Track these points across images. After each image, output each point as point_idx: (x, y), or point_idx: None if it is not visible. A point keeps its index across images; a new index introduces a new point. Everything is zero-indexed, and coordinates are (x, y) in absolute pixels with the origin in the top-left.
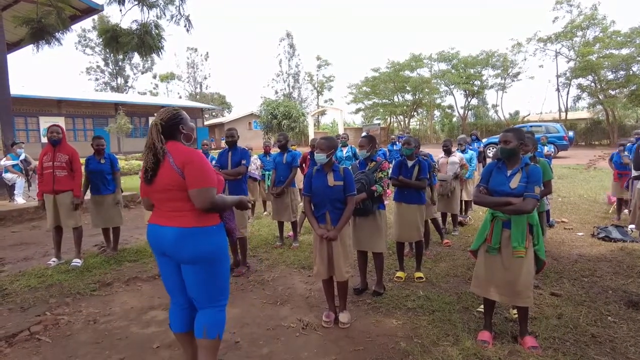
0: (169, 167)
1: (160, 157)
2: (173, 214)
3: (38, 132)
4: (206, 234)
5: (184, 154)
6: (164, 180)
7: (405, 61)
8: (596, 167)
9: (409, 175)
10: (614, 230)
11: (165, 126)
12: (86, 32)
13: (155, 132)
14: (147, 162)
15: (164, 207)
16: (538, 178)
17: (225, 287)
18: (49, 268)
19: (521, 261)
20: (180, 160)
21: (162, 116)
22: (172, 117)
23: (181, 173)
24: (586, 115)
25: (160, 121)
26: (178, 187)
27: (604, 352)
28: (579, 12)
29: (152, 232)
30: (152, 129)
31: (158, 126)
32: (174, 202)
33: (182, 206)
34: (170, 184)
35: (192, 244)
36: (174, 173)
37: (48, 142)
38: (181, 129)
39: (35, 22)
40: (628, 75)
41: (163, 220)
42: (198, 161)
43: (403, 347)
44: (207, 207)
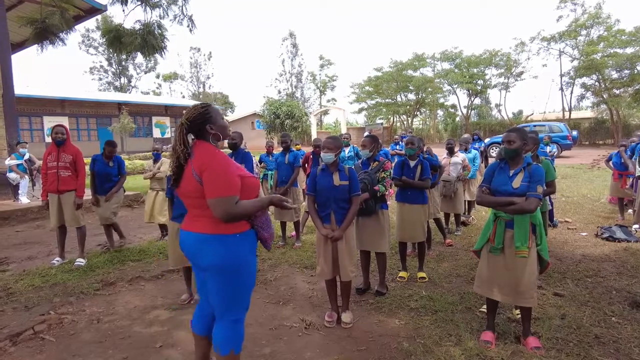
0: (189, 172)
1: (182, 161)
2: (194, 219)
3: (42, 131)
4: (223, 242)
5: (203, 158)
6: (185, 186)
7: (408, 60)
8: (600, 167)
9: (412, 175)
10: (618, 230)
11: (191, 125)
12: (90, 32)
13: (179, 133)
14: (171, 165)
15: (189, 211)
16: (540, 177)
17: (242, 300)
18: (53, 267)
19: (524, 261)
20: (199, 166)
21: (188, 115)
22: (199, 116)
23: (199, 179)
24: (590, 114)
25: (185, 120)
26: (198, 194)
27: (607, 353)
28: (583, 11)
29: (180, 236)
30: (177, 129)
31: (183, 126)
32: (196, 207)
33: (202, 212)
34: (190, 190)
35: (207, 251)
36: (192, 179)
37: (52, 142)
38: (208, 129)
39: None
40: (633, 74)
41: (187, 224)
42: (217, 167)
43: (405, 347)
44: (225, 218)
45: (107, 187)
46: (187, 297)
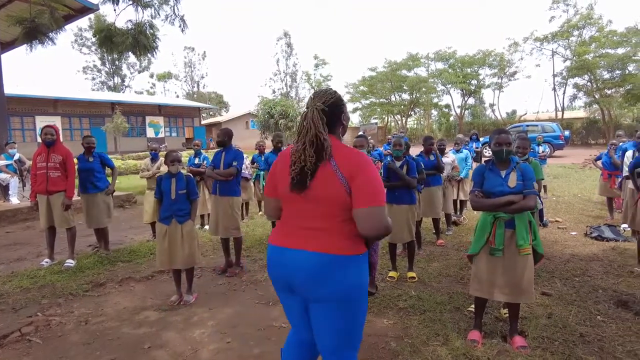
0: (332, 173)
1: (327, 155)
2: (316, 234)
3: (34, 131)
4: (356, 264)
5: (352, 158)
6: (321, 190)
7: (402, 60)
8: (591, 167)
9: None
10: (607, 229)
11: (328, 113)
12: (82, 31)
13: (319, 119)
14: (303, 159)
15: (305, 222)
16: (532, 175)
17: (361, 332)
18: (42, 269)
19: (524, 259)
20: (348, 168)
21: (325, 98)
22: (337, 102)
23: (347, 185)
24: (582, 114)
25: (322, 105)
26: (339, 203)
27: (591, 351)
28: (575, 12)
29: (278, 258)
30: (314, 114)
31: (321, 112)
32: (325, 219)
33: (330, 226)
34: (329, 196)
35: (337, 276)
36: (337, 183)
37: (42, 142)
38: (342, 119)
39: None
40: (624, 74)
41: (297, 240)
42: (372, 170)
43: (393, 347)
44: (381, 233)
45: (91, 185)
46: (176, 298)
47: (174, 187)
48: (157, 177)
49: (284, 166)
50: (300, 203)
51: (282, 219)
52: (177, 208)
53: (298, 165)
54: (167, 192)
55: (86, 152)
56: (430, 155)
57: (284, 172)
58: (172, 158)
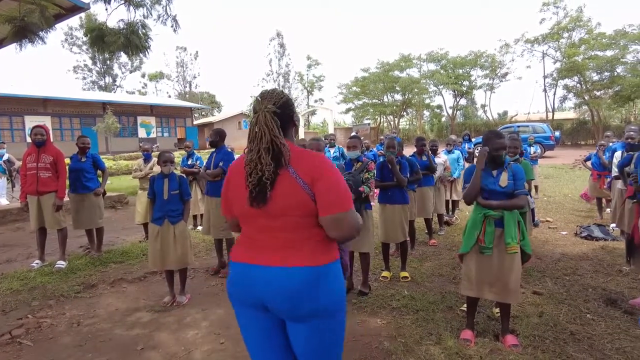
0: (292, 180)
1: (286, 162)
2: (289, 247)
3: (23, 131)
4: (335, 270)
5: (311, 161)
6: (282, 200)
7: (394, 61)
8: (581, 167)
9: (391, 175)
10: (596, 229)
11: (280, 115)
12: (73, 30)
13: (272, 122)
14: (259, 169)
15: (273, 237)
16: (522, 175)
17: (341, 347)
18: (32, 270)
19: (513, 258)
20: (308, 173)
21: (275, 99)
22: (288, 102)
23: (310, 191)
24: (572, 115)
25: (274, 107)
26: (303, 211)
27: (582, 349)
28: (565, 14)
29: (246, 277)
30: (266, 118)
31: (273, 115)
32: (294, 230)
33: (301, 236)
34: (291, 206)
35: (320, 289)
36: (299, 190)
37: (32, 143)
38: (294, 120)
39: (18, 20)
40: (612, 76)
41: (269, 257)
42: (333, 173)
43: (386, 347)
44: (351, 237)
45: (80, 185)
46: (169, 299)
47: (167, 187)
48: (150, 177)
49: (238, 180)
50: (263, 218)
51: (244, 235)
52: (170, 209)
53: (255, 176)
54: (160, 192)
55: (80, 152)
56: (422, 155)
57: (239, 187)
58: (164, 159)
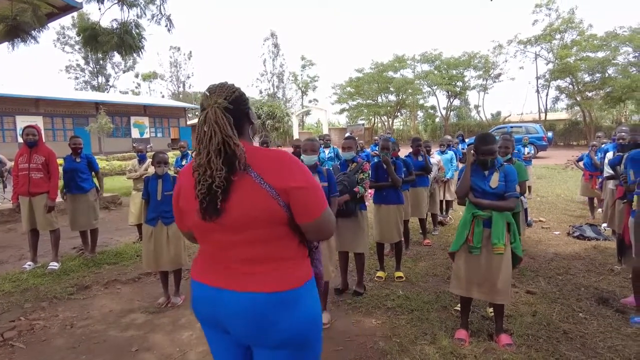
0: (254, 187)
1: (241, 165)
2: (254, 268)
3: (15, 131)
4: (309, 296)
5: (277, 162)
6: (241, 211)
7: (388, 62)
8: (573, 168)
9: (386, 176)
10: (588, 229)
11: (233, 111)
12: (65, 29)
13: (224, 119)
14: (208, 175)
15: (232, 255)
16: (515, 177)
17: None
18: (25, 272)
19: (500, 259)
20: (276, 176)
21: (226, 94)
22: (241, 97)
23: (279, 197)
24: (565, 116)
25: (225, 102)
26: (271, 222)
27: (574, 348)
28: (557, 16)
29: (206, 299)
30: (216, 115)
31: (224, 111)
32: (256, 246)
33: (269, 252)
34: (254, 217)
35: (291, 318)
36: (264, 198)
37: (24, 143)
38: (250, 118)
39: (10, 19)
40: (604, 77)
41: (230, 279)
42: (304, 171)
43: (381, 347)
44: (332, 233)
45: (75, 185)
46: (164, 300)
47: (160, 188)
48: (144, 178)
49: (189, 189)
50: (218, 233)
51: (203, 251)
52: (163, 209)
53: (204, 183)
54: (154, 193)
55: (73, 153)
56: (418, 156)
57: (190, 197)
58: (158, 159)
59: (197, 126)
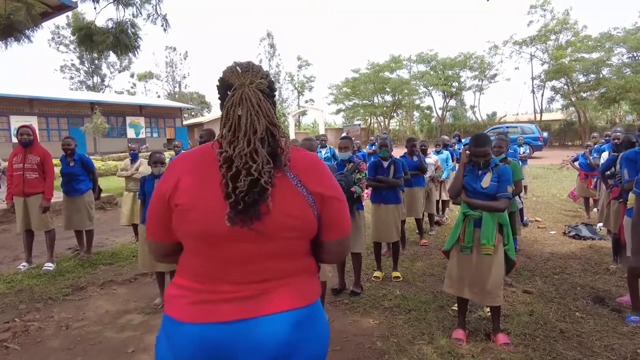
0: (292, 189)
1: (286, 160)
2: (280, 283)
3: (9, 131)
4: (321, 309)
5: (314, 166)
6: (282, 215)
7: (384, 62)
8: (569, 167)
9: (385, 175)
10: (584, 228)
11: (271, 96)
12: (60, 29)
13: (267, 103)
14: (255, 168)
15: (253, 270)
16: (508, 177)
17: None
18: (19, 273)
19: (491, 260)
20: (316, 181)
21: (261, 75)
22: (274, 84)
23: (315, 205)
24: (560, 116)
25: (264, 82)
26: (303, 232)
27: (571, 347)
28: (552, 17)
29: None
30: (259, 97)
31: (263, 93)
32: (288, 258)
33: (295, 265)
34: (293, 226)
35: (314, 334)
36: (302, 203)
37: (18, 143)
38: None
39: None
40: (598, 78)
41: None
42: (337, 184)
43: (379, 347)
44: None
45: (72, 188)
46: (160, 301)
47: None
48: (140, 178)
49: (201, 185)
50: (247, 242)
51: (198, 273)
52: None
53: (245, 179)
54: (150, 193)
55: (67, 155)
56: (413, 156)
57: (206, 195)
58: (155, 159)
59: (226, 108)
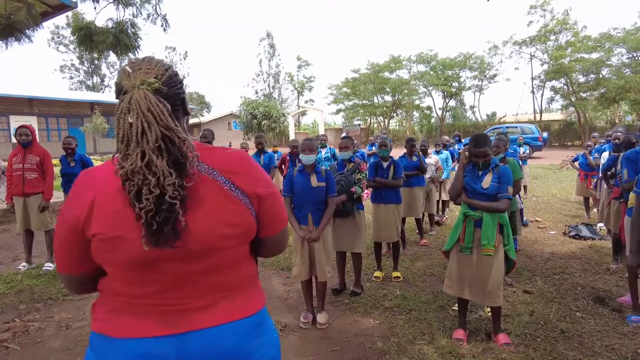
0: (225, 195)
1: (193, 168)
2: (217, 298)
3: (8, 131)
4: (269, 316)
5: (244, 163)
6: (215, 227)
7: (384, 62)
8: (569, 168)
9: (385, 175)
10: (584, 228)
11: (167, 97)
12: (60, 29)
13: (158, 106)
14: (155, 182)
15: (190, 291)
16: (509, 178)
17: None
18: (19, 273)
19: (491, 261)
20: (250, 181)
21: (156, 72)
22: (175, 78)
23: (251, 205)
24: (559, 116)
25: (156, 83)
26: (244, 238)
27: (572, 347)
28: (552, 17)
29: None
30: (148, 100)
31: (155, 95)
32: (225, 272)
33: (238, 275)
34: (229, 235)
35: (263, 344)
36: (239, 207)
37: (18, 143)
38: (185, 105)
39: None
40: (598, 78)
41: (191, 318)
42: (266, 175)
43: (380, 347)
44: (284, 250)
45: (69, 188)
46: None
47: None
48: None
49: (110, 206)
50: (173, 263)
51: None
52: None
53: (148, 197)
54: None
55: (67, 155)
56: (412, 156)
57: (119, 218)
58: None
59: (117, 116)
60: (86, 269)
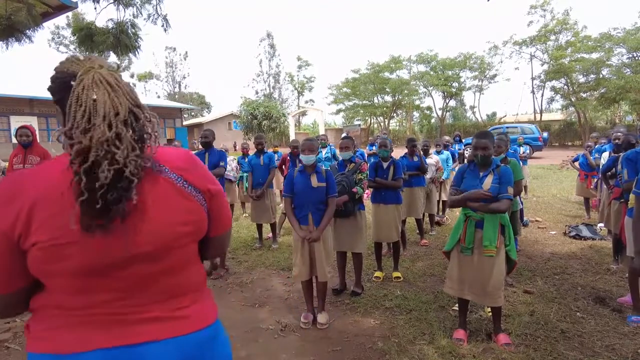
0: (178, 191)
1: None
2: (172, 307)
3: (9, 132)
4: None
5: (192, 160)
6: (171, 225)
7: (384, 63)
8: (569, 168)
9: (385, 176)
10: (584, 228)
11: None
12: (60, 29)
13: (125, 83)
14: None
15: (148, 297)
16: (510, 179)
17: None
18: None
19: (492, 261)
20: (201, 178)
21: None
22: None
23: (204, 202)
24: (560, 116)
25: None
26: (197, 238)
27: (572, 347)
28: (552, 17)
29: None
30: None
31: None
32: (177, 275)
33: (190, 277)
34: (184, 233)
35: (219, 353)
36: (193, 204)
37: (18, 143)
38: None
39: (4, 18)
40: (598, 78)
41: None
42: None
43: (380, 347)
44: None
45: None
46: None
47: None
48: None
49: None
50: (126, 268)
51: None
52: None
53: (107, 168)
54: None
55: None
56: (413, 156)
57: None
58: None
59: (76, 93)
60: (20, 285)
